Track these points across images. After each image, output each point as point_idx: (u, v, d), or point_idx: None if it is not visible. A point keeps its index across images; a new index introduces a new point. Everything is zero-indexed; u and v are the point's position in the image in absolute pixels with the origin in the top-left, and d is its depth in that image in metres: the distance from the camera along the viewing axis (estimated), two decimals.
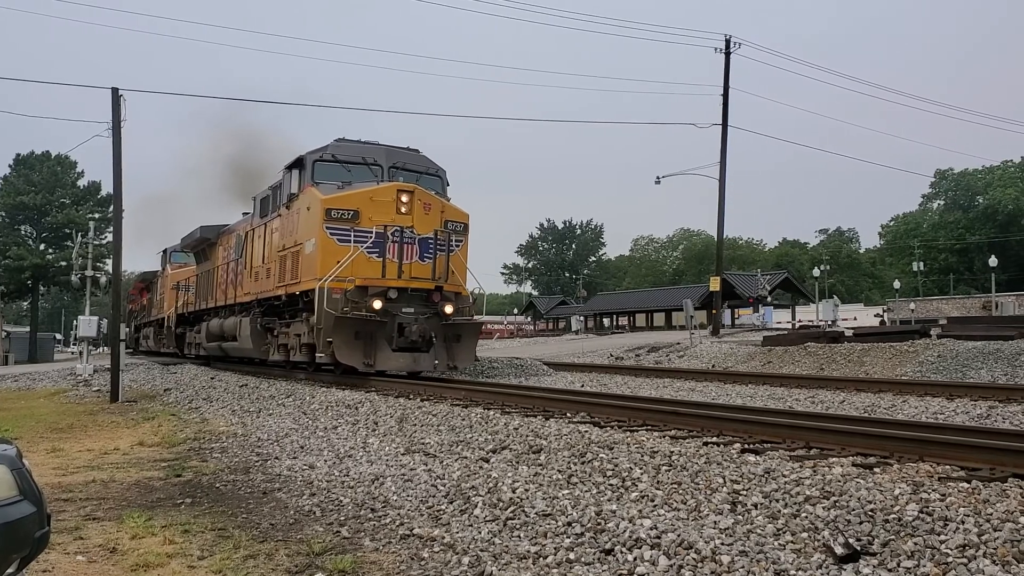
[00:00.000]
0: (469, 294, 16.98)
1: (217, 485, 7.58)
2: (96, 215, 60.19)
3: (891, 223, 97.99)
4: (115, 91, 19.74)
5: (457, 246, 16.49)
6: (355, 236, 15.54)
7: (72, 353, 61.68)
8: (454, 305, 15.97)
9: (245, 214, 24.01)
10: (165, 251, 35.13)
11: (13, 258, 59.37)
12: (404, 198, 15.77)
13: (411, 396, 13.07)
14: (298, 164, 17.18)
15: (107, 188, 59.81)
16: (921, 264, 76.05)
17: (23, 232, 64.55)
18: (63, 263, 55.83)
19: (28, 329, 66.52)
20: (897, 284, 73.57)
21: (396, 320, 15.33)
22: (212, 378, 20.38)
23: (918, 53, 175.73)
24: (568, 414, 9.72)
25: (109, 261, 40.46)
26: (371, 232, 15.57)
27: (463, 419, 9.68)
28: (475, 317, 17.17)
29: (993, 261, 56.20)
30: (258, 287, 19.75)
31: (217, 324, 23.50)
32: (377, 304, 15.12)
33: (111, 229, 32.88)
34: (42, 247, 64.33)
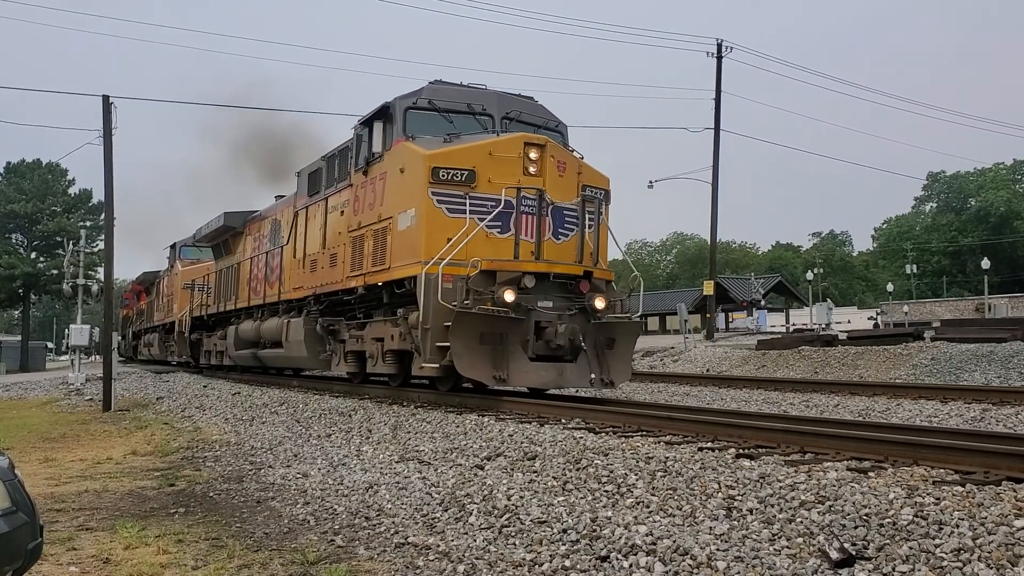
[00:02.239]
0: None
1: (211, 494, 7.55)
2: (87, 223, 60.04)
3: (884, 226, 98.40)
4: (106, 98, 19.69)
5: (594, 221, 12.57)
6: (471, 205, 11.74)
7: (65, 361, 61.49)
8: (606, 298, 12.04)
9: (279, 197, 20.73)
10: (174, 246, 31.47)
11: (4, 267, 59.11)
12: (533, 154, 12.00)
13: (405, 403, 13.04)
14: (382, 115, 13.25)
15: (98, 196, 59.70)
16: (914, 267, 76.35)
17: (14, 240, 64.31)
18: (54, 271, 55.61)
19: (19, 338, 66.24)
20: (890, 287, 73.85)
21: (533, 318, 11.47)
22: (205, 386, 20.33)
23: (909, 55, 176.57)
24: (563, 420, 9.71)
25: (101, 269, 40.35)
26: (494, 199, 11.73)
27: (457, 426, 9.67)
28: (633, 314, 13.04)
29: (986, 263, 56.42)
30: (316, 279, 15.87)
31: (251, 328, 19.86)
32: (509, 296, 11.12)
33: (103, 237, 32.82)
34: (33, 255, 64.08)
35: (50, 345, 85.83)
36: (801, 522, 4.72)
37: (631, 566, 4.50)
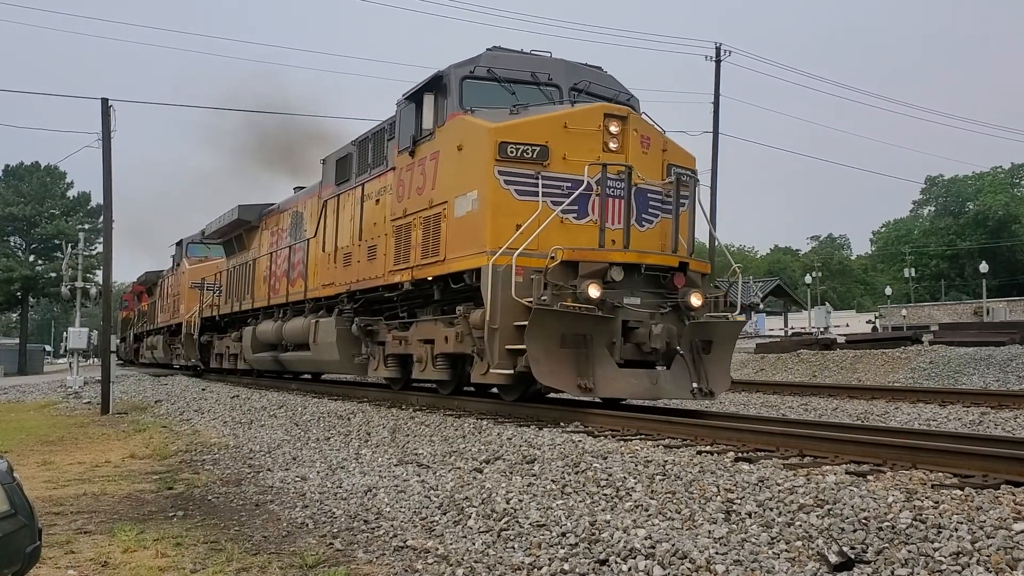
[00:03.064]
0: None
1: (209, 497, 7.55)
2: (86, 226, 60.03)
3: (882, 229, 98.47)
4: (105, 101, 19.70)
5: (683, 205, 11.04)
6: (544, 185, 10.22)
7: (63, 364, 61.45)
8: (703, 295, 10.52)
9: (299, 189, 19.60)
10: (180, 242, 29.89)
11: (2, 269, 59.05)
12: (614, 127, 10.47)
13: (403, 406, 13.03)
14: (434, 86, 11.64)
15: (97, 199, 59.70)
16: (912, 270, 76.38)
17: (12, 243, 64.31)
18: (53, 274, 55.59)
19: (18, 341, 66.20)
20: (888, 290, 73.87)
21: (620, 317, 9.97)
22: (203, 389, 20.31)
23: (907, 59, 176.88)
24: (561, 424, 9.71)
25: (99, 272, 40.35)
26: (570, 179, 10.27)
27: (456, 429, 9.66)
28: (731, 313, 11.57)
29: (984, 267, 56.48)
30: (350, 275, 14.36)
31: (271, 329, 18.30)
32: (594, 291, 9.61)
33: (101, 240, 32.79)
34: (32, 258, 64.08)
35: (48, 348, 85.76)
36: (800, 526, 4.72)
37: (630, 569, 4.50)
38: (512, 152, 10.26)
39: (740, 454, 7.09)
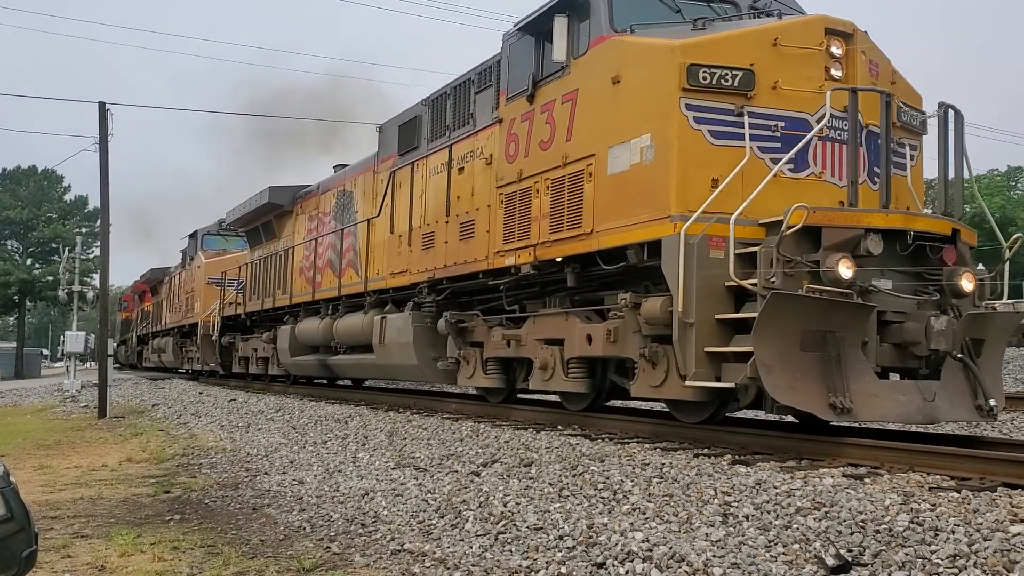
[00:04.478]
0: None
1: (206, 501, 7.53)
2: (83, 230, 59.99)
3: None
4: (102, 105, 19.68)
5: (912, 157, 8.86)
6: (752, 127, 7.76)
7: (60, 368, 61.33)
8: (974, 276, 7.97)
9: (340, 167, 17.65)
10: (194, 234, 27.83)
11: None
12: (837, 47, 8.06)
13: (400, 409, 13.03)
14: (567, 5, 9.23)
15: (94, 202, 59.63)
16: None
17: (9, 247, 64.24)
18: (50, 278, 55.56)
19: (15, 345, 66.12)
20: None
21: (869, 307, 7.24)
22: (200, 393, 20.29)
23: (903, 61, 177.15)
24: (559, 427, 9.71)
25: (96, 276, 40.33)
26: (786, 118, 7.90)
27: (453, 432, 9.66)
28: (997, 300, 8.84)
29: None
30: (432, 259, 11.93)
31: (316, 328, 15.91)
32: (846, 269, 7.04)
33: (98, 243, 32.76)
34: (28, 262, 64.00)
35: (45, 352, 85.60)
36: (797, 528, 4.72)
37: (627, 573, 4.50)
38: (705, 79, 7.77)
39: (737, 457, 7.09)
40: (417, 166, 12.79)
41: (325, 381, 19.42)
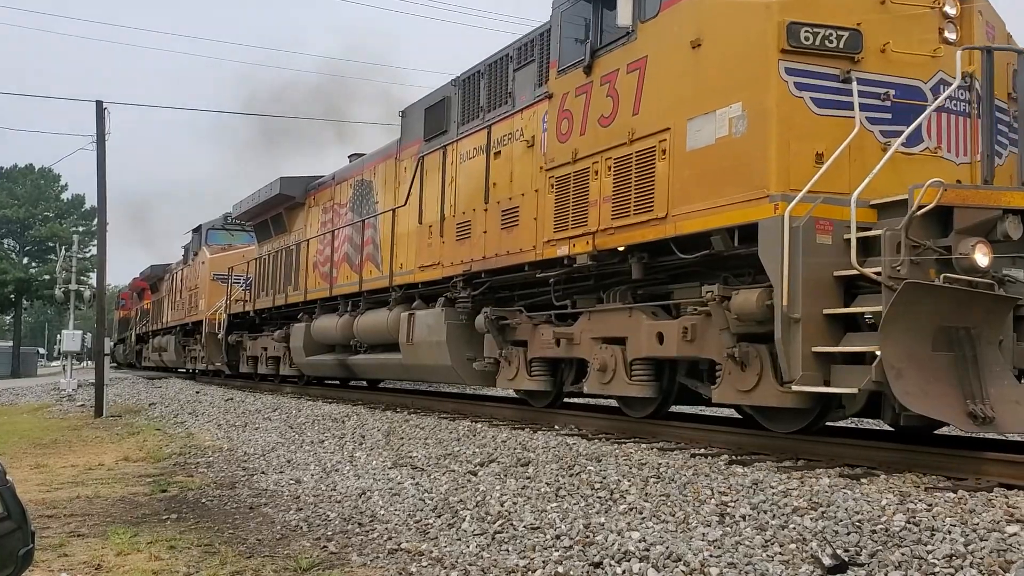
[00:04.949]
0: None
1: (203, 500, 7.53)
2: (80, 228, 59.98)
3: None
4: (99, 104, 19.66)
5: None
6: (860, 95, 6.92)
7: (56, 367, 61.25)
8: None
9: (355, 156, 16.99)
10: (198, 229, 26.74)
11: None
12: (951, 6, 7.28)
13: (398, 409, 13.03)
14: None
15: (91, 201, 59.58)
16: None
17: (6, 246, 64.23)
18: (47, 277, 55.48)
19: (11, 344, 66.04)
20: None
21: (1011, 299, 6.47)
22: (197, 392, 20.28)
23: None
24: (556, 426, 9.71)
25: (93, 275, 40.26)
26: (898, 85, 7.10)
27: (451, 432, 9.66)
28: None
29: None
30: (469, 251, 11.00)
31: (334, 325, 15.04)
32: (983, 256, 6.28)
33: (95, 242, 32.71)
34: (25, 261, 63.95)
35: (42, 351, 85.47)
36: (794, 528, 4.73)
37: (624, 572, 4.50)
38: (808, 39, 6.93)
39: (734, 457, 7.10)
40: (448, 151, 11.89)
41: (338, 382, 18.81)
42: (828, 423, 7.87)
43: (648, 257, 8.29)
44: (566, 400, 10.96)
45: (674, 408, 9.58)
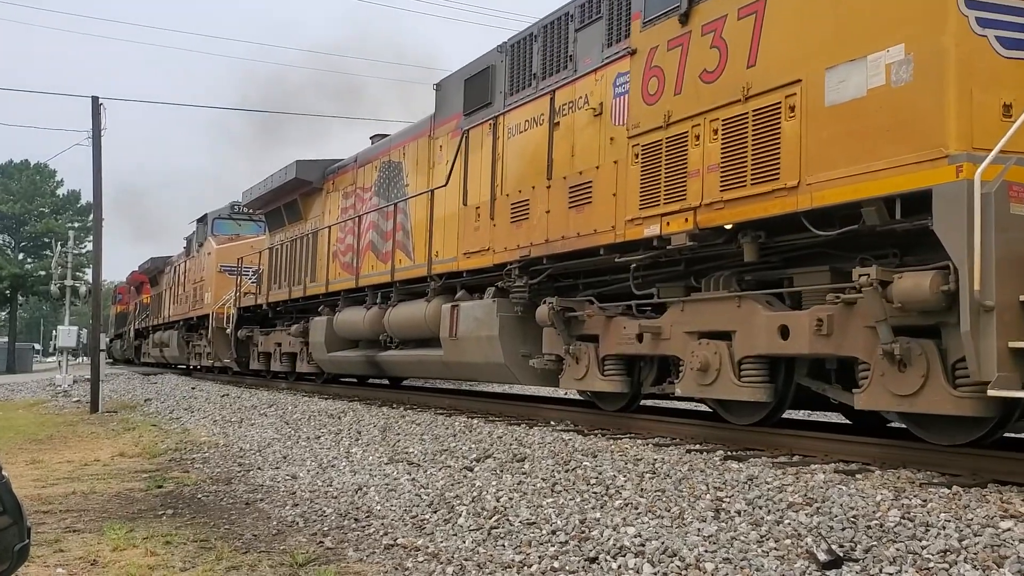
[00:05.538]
0: None
1: (199, 496, 7.53)
2: (76, 224, 59.87)
3: None
4: (95, 100, 19.65)
5: None
6: None
7: (52, 363, 61.16)
8: None
9: (378, 137, 15.99)
10: (204, 218, 25.51)
11: None
12: None
13: (394, 405, 13.02)
14: None
15: (87, 197, 59.49)
16: None
17: (1, 242, 64.15)
18: (42, 273, 55.36)
19: (6, 339, 65.92)
20: None
21: None
22: (193, 388, 20.25)
23: None
24: (552, 422, 9.72)
25: (89, 270, 40.18)
26: None
27: (447, 428, 9.66)
28: None
29: None
30: (527, 234, 9.76)
31: (362, 319, 13.80)
32: None
33: (91, 238, 32.62)
34: (21, 257, 63.86)
35: (37, 347, 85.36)
36: (789, 524, 4.74)
37: (620, 567, 4.51)
38: None
39: (729, 453, 7.11)
40: (497, 123, 10.67)
41: (355, 380, 17.96)
42: (823, 420, 7.81)
43: (765, 236, 7.06)
44: (642, 403, 9.68)
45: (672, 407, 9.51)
